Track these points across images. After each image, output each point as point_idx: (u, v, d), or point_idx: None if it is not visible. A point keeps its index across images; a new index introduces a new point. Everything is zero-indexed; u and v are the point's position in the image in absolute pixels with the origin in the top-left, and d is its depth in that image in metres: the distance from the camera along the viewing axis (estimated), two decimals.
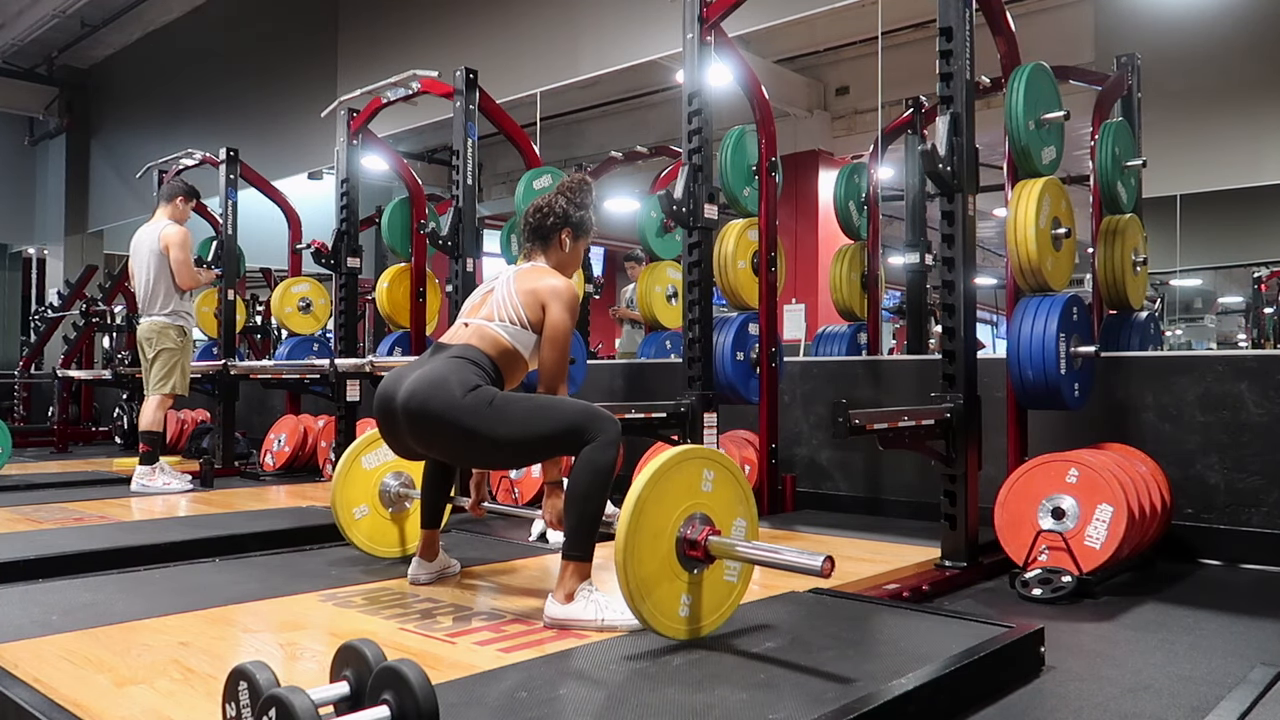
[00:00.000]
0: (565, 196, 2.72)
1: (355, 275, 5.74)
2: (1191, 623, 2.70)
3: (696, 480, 2.15)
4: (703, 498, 2.15)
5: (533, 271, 2.65)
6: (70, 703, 1.76)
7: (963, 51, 3.20)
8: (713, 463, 2.18)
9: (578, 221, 2.73)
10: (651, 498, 2.05)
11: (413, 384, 2.39)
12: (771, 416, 4.27)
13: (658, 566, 2.06)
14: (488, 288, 2.69)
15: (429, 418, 2.35)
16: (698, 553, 2.11)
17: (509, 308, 2.57)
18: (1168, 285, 8.26)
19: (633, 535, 2.01)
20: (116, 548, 3.29)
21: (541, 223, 2.71)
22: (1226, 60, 6.24)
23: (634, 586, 2.02)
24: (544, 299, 2.56)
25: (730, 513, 2.21)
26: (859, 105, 8.85)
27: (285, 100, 8.73)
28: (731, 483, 2.22)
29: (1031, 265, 3.34)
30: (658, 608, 2.06)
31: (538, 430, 2.32)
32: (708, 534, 2.11)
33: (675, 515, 2.09)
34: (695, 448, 2.18)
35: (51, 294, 11.02)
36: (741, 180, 4.31)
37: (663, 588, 2.07)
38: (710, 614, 2.17)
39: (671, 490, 2.09)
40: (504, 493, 4.78)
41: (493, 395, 2.36)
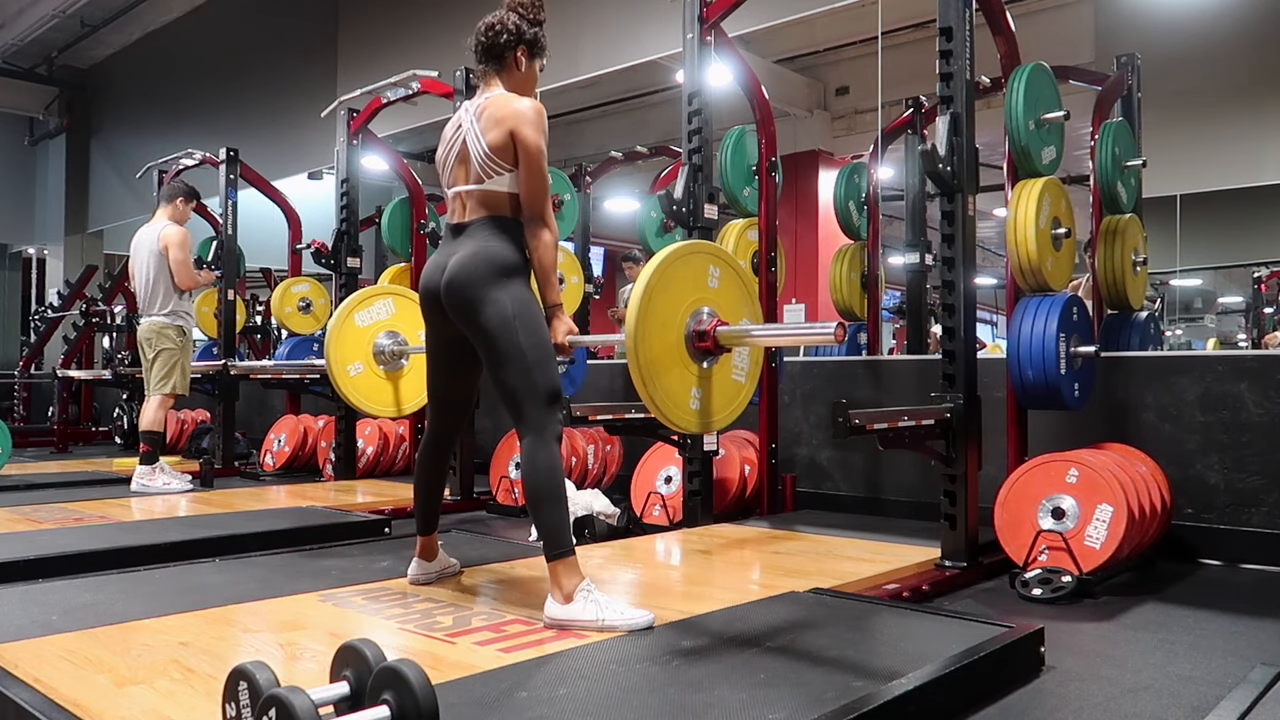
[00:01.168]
0: (517, 12, 2.58)
1: (355, 275, 5.74)
2: (1191, 623, 2.70)
3: (703, 275, 2.14)
4: (709, 293, 2.15)
5: (491, 103, 2.51)
6: (70, 703, 1.76)
7: (963, 51, 3.20)
8: (717, 259, 2.18)
9: (532, 38, 2.59)
10: (659, 286, 2.05)
11: (451, 271, 2.44)
12: (771, 416, 4.27)
13: (666, 352, 2.06)
14: (458, 143, 2.56)
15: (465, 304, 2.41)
16: (707, 343, 2.11)
17: (487, 160, 2.47)
18: (1168, 285, 8.26)
19: (642, 321, 2.01)
20: (116, 548, 3.29)
21: (494, 41, 2.55)
22: (1226, 60, 6.25)
23: (644, 368, 2.01)
24: (510, 125, 2.45)
25: (736, 310, 2.21)
26: (859, 105, 8.85)
27: (285, 100, 8.73)
28: (737, 282, 2.22)
29: (1031, 265, 3.34)
30: (669, 396, 2.06)
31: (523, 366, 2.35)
32: (716, 324, 2.12)
33: (683, 307, 2.10)
34: (700, 242, 2.18)
35: (51, 294, 11.02)
36: (741, 180, 4.31)
37: (673, 375, 2.07)
38: (721, 410, 2.18)
39: (678, 281, 2.08)
40: (504, 493, 4.78)
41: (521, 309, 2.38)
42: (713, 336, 2.11)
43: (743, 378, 2.23)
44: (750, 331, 2.13)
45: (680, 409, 2.09)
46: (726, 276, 2.18)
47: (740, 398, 2.24)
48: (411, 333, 3.06)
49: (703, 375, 2.13)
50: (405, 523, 3.87)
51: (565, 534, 2.33)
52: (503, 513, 4.72)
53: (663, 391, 2.05)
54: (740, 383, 2.23)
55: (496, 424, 5.50)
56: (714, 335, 2.10)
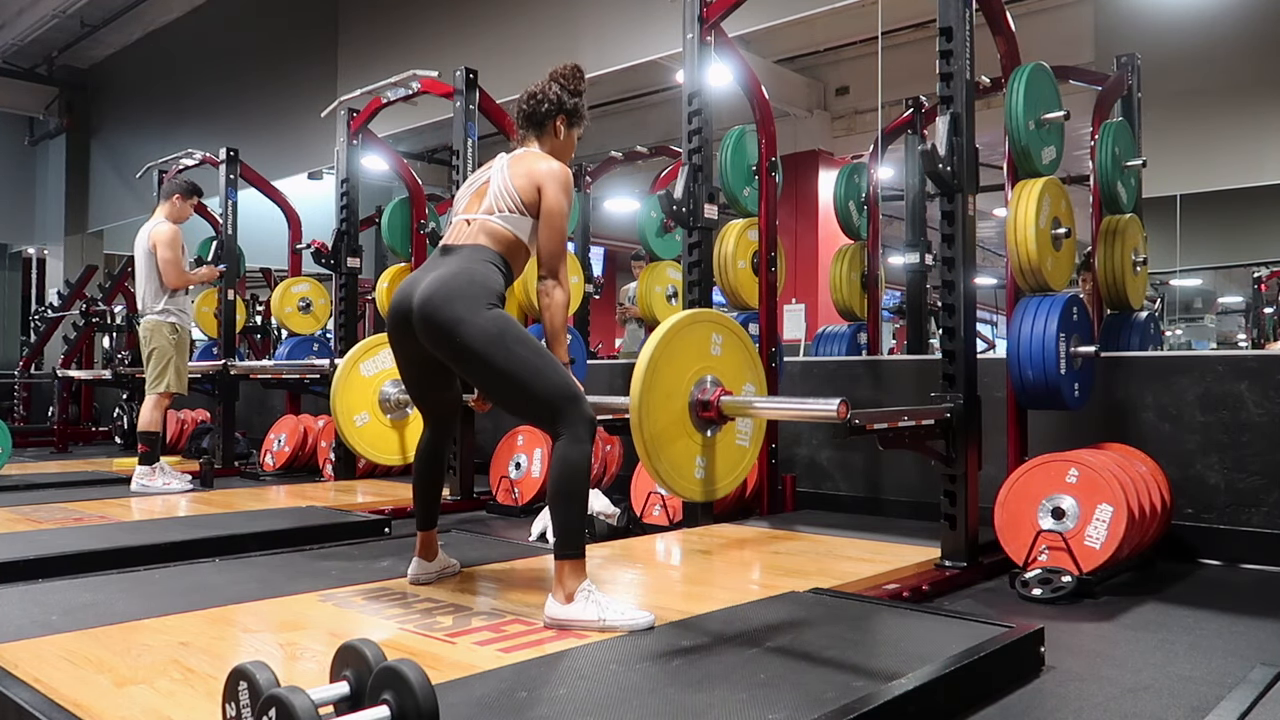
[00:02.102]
0: (559, 84, 2.68)
1: (355, 275, 5.75)
2: (1191, 623, 2.70)
3: (706, 343, 2.15)
4: (712, 361, 2.15)
5: (526, 156, 2.61)
6: (70, 703, 1.76)
7: (963, 51, 3.20)
8: (720, 326, 2.18)
9: (572, 109, 2.69)
10: (663, 358, 2.05)
11: (427, 289, 2.39)
12: None
13: (671, 423, 2.06)
14: (482, 178, 2.64)
15: (440, 325, 2.35)
16: (711, 413, 2.11)
17: (506, 197, 2.53)
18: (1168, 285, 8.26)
19: (647, 393, 2.01)
20: (116, 548, 3.29)
21: (535, 109, 2.67)
22: (1226, 60, 6.25)
23: (649, 442, 2.01)
24: (539, 181, 2.52)
25: (740, 377, 2.21)
26: (859, 105, 8.86)
27: (285, 100, 8.73)
28: (740, 347, 2.22)
29: (1031, 265, 3.34)
30: (673, 466, 2.06)
31: (527, 385, 2.32)
32: (720, 394, 2.11)
33: (687, 377, 2.10)
34: (702, 311, 2.19)
35: (51, 294, 11.03)
36: (741, 180, 4.31)
37: (677, 445, 2.07)
38: (724, 476, 2.18)
39: (682, 351, 2.09)
40: (504, 493, 4.78)
41: (507, 327, 2.35)
42: (717, 407, 2.10)
43: (746, 442, 2.24)
44: (753, 404, 2.13)
45: (685, 479, 2.09)
46: (729, 342, 2.19)
47: (745, 462, 2.24)
48: None
49: (707, 443, 2.14)
50: (405, 523, 3.87)
51: (580, 535, 2.31)
52: (503, 513, 4.72)
53: (667, 463, 2.06)
54: (744, 447, 2.24)
55: (496, 424, 5.50)
56: (718, 406, 2.10)
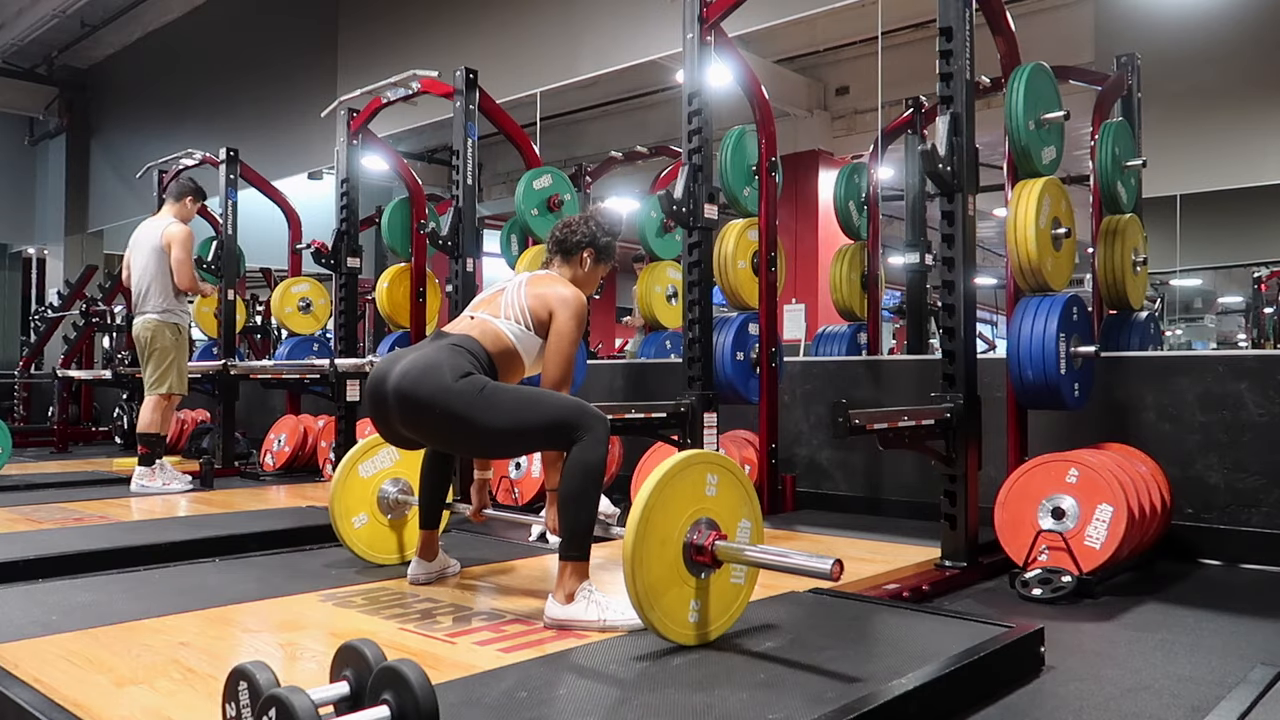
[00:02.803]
0: (596, 221, 2.77)
1: (355, 275, 5.74)
2: (1191, 623, 2.70)
3: (700, 485, 2.14)
4: (707, 502, 2.15)
5: (547, 278, 2.66)
6: (70, 703, 1.76)
7: (963, 51, 3.19)
8: (716, 467, 2.18)
9: (603, 246, 2.77)
10: (658, 505, 2.05)
11: (405, 367, 2.39)
12: (771, 416, 4.27)
13: (665, 572, 2.06)
14: (499, 287, 2.69)
15: (419, 401, 2.34)
16: (705, 558, 2.11)
17: (516, 308, 2.58)
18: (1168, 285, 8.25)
19: (640, 543, 2.01)
20: (116, 548, 3.29)
21: (568, 237, 2.75)
22: (1226, 60, 6.24)
23: (643, 593, 2.02)
24: (552, 305, 2.57)
25: (735, 515, 2.21)
26: (859, 105, 8.84)
27: (285, 100, 8.73)
28: (735, 485, 2.22)
29: (1031, 265, 3.34)
30: (667, 614, 2.06)
31: (526, 421, 2.33)
32: (714, 539, 2.11)
33: (681, 521, 2.09)
34: (698, 453, 2.18)
35: (51, 294, 11.02)
36: (741, 180, 4.31)
37: (671, 593, 2.07)
38: (718, 618, 2.17)
39: (676, 496, 2.09)
40: (504, 493, 4.78)
41: (484, 383, 2.36)
42: (711, 553, 2.10)
43: (741, 580, 2.23)
44: (745, 552, 2.13)
45: (679, 625, 2.09)
46: (724, 481, 2.18)
47: (739, 601, 2.23)
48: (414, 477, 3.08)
49: (700, 586, 2.13)
50: None
51: (586, 538, 2.31)
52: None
53: (661, 613, 2.05)
54: (740, 585, 2.23)
55: None
56: (712, 551, 2.10)
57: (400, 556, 3.12)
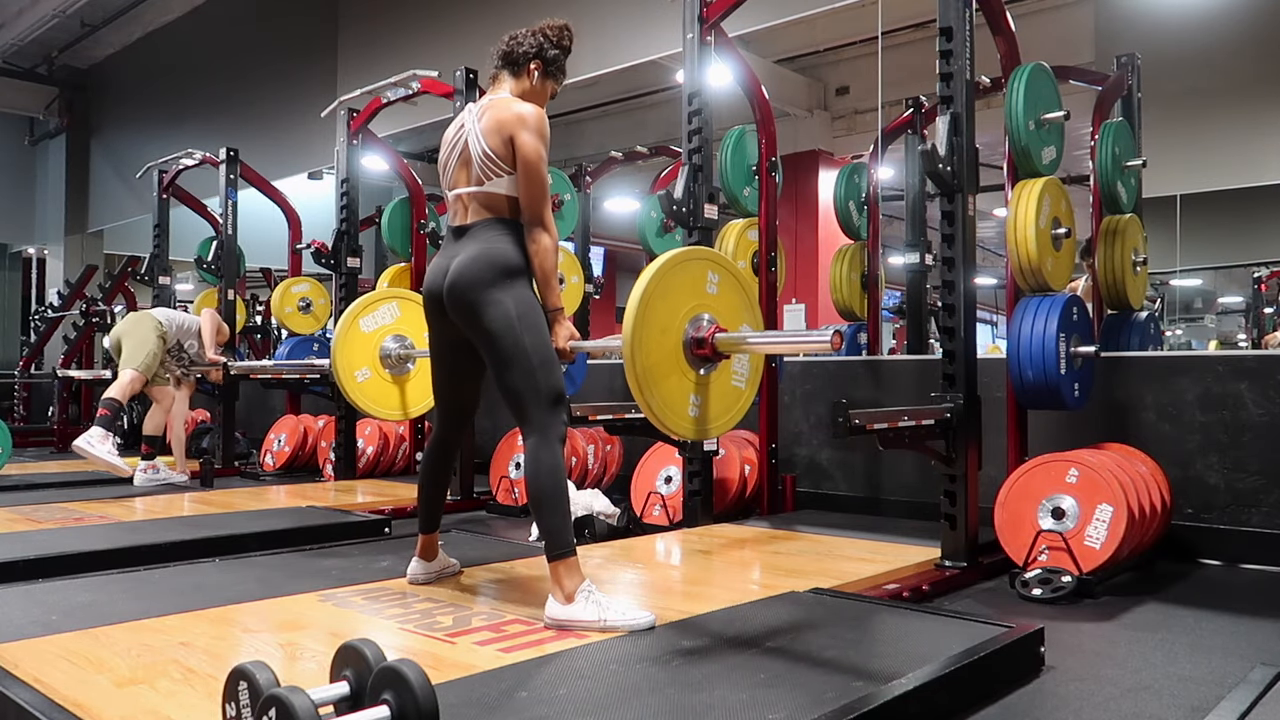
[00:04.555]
0: (544, 34, 2.68)
1: (355, 275, 5.74)
2: (1191, 623, 2.70)
3: (701, 281, 2.12)
4: (708, 299, 2.13)
5: (494, 105, 2.55)
6: (70, 703, 1.76)
7: (963, 51, 3.20)
8: (717, 265, 2.16)
9: (550, 58, 2.67)
10: (657, 292, 2.03)
11: (455, 272, 2.45)
12: (771, 416, 4.27)
13: (664, 358, 2.04)
14: (460, 144, 2.59)
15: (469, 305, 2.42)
16: (705, 350, 2.10)
17: (487, 162, 2.50)
18: (1168, 285, 8.26)
19: (639, 329, 1.99)
20: (116, 548, 3.29)
21: (514, 49, 2.65)
22: (1226, 60, 6.24)
23: (641, 376, 1.99)
24: (510, 130, 2.49)
25: (736, 317, 2.19)
26: (859, 105, 8.85)
27: (285, 100, 8.73)
28: (736, 288, 2.20)
29: (1031, 265, 3.34)
30: (666, 403, 2.04)
31: (522, 372, 2.36)
32: (714, 331, 2.10)
33: (682, 313, 2.08)
34: (699, 248, 2.17)
35: (51, 294, 11.02)
36: (741, 180, 4.31)
37: (670, 381, 2.05)
38: (719, 416, 2.15)
39: (677, 287, 2.07)
40: (504, 493, 4.78)
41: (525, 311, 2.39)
42: (711, 343, 2.09)
43: (742, 384, 2.22)
44: (747, 339, 2.12)
45: (678, 415, 2.08)
46: (726, 282, 2.17)
47: (740, 403, 2.22)
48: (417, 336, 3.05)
49: (700, 382, 2.12)
50: (405, 523, 3.87)
51: (566, 535, 2.33)
52: (503, 513, 4.72)
53: (660, 399, 2.04)
54: (740, 389, 2.22)
55: (496, 424, 5.50)
56: (712, 342, 2.09)
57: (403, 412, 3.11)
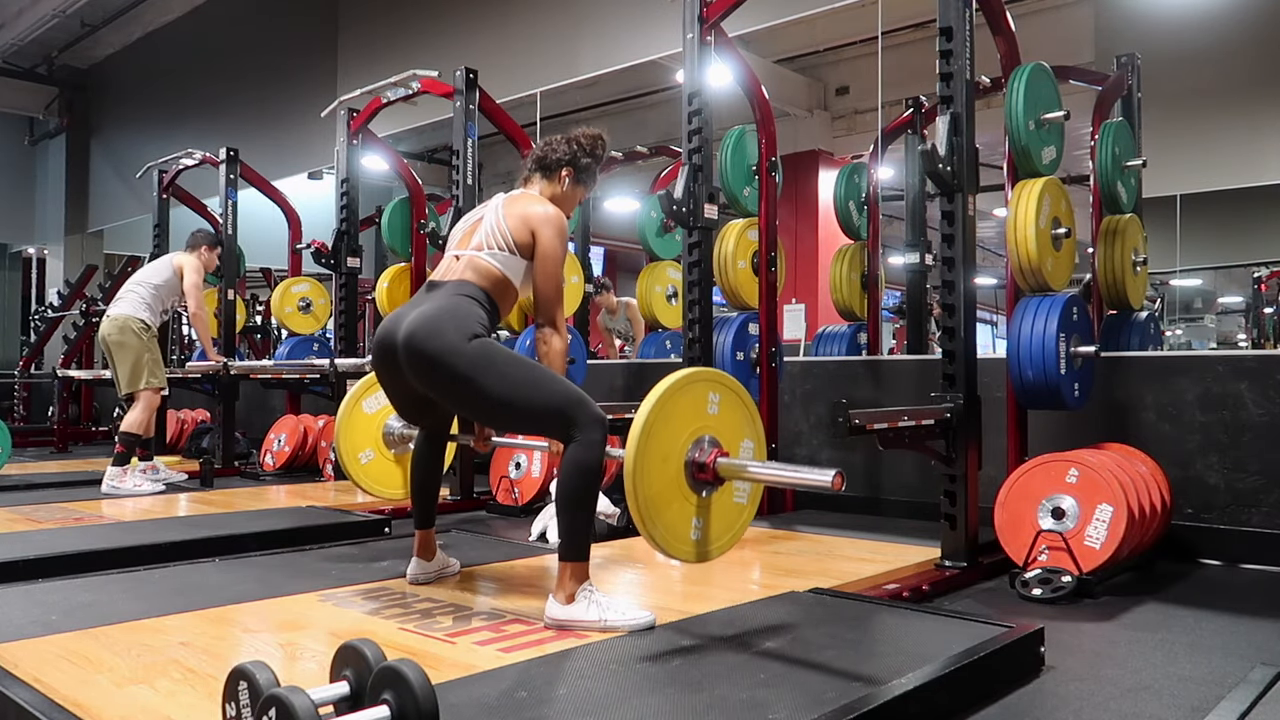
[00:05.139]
0: (578, 142, 2.73)
1: (355, 275, 5.75)
2: (1191, 623, 2.70)
3: (703, 403, 2.12)
4: (710, 420, 2.12)
5: (523, 197, 2.62)
6: (70, 703, 1.76)
7: (963, 51, 3.19)
8: (718, 385, 2.16)
9: (583, 166, 2.73)
10: (659, 420, 2.02)
11: (412, 324, 2.38)
12: (771, 416, 4.27)
13: (666, 487, 2.03)
14: (476, 216, 2.65)
15: (427, 358, 2.34)
16: (707, 475, 2.09)
17: (498, 235, 2.54)
18: (1168, 285, 8.26)
19: (641, 458, 1.99)
20: (116, 548, 3.29)
21: (548, 154, 2.72)
22: (1226, 60, 6.24)
23: (643, 506, 1.99)
24: (534, 225, 2.53)
25: (737, 434, 2.19)
26: (859, 105, 8.84)
27: (285, 100, 8.73)
28: (738, 405, 2.20)
29: (1031, 265, 3.34)
30: (669, 530, 2.04)
31: (528, 399, 2.31)
32: (716, 456, 2.09)
33: (683, 438, 2.07)
34: (700, 370, 2.17)
35: (51, 294, 11.03)
36: (741, 180, 4.31)
37: (673, 509, 2.04)
38: (720, 536, 2.15)
39: (678, 413, 2.06)
40: (504, 493, 4.78)
41: (495, 351, 2.35)
42: (713, 469, 2.09)
43: (744, 500, 2.21)
44: (749, 467, 2.11)
45: (681, 542, 2.07)
46: (727, 400, 2.16)
47: (742, 520, 2.21)
48: None
49: (702, 504, 2.11)
50: (405, 523, 3.87)
51: (585, 539, 2.30)
52: (503, 513, 4.72)
53: (663, 528, 2.02)
54: (742, 505, 2.21)
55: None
56: (714, 468, 2.09)
57: (405, 491, 3.12)
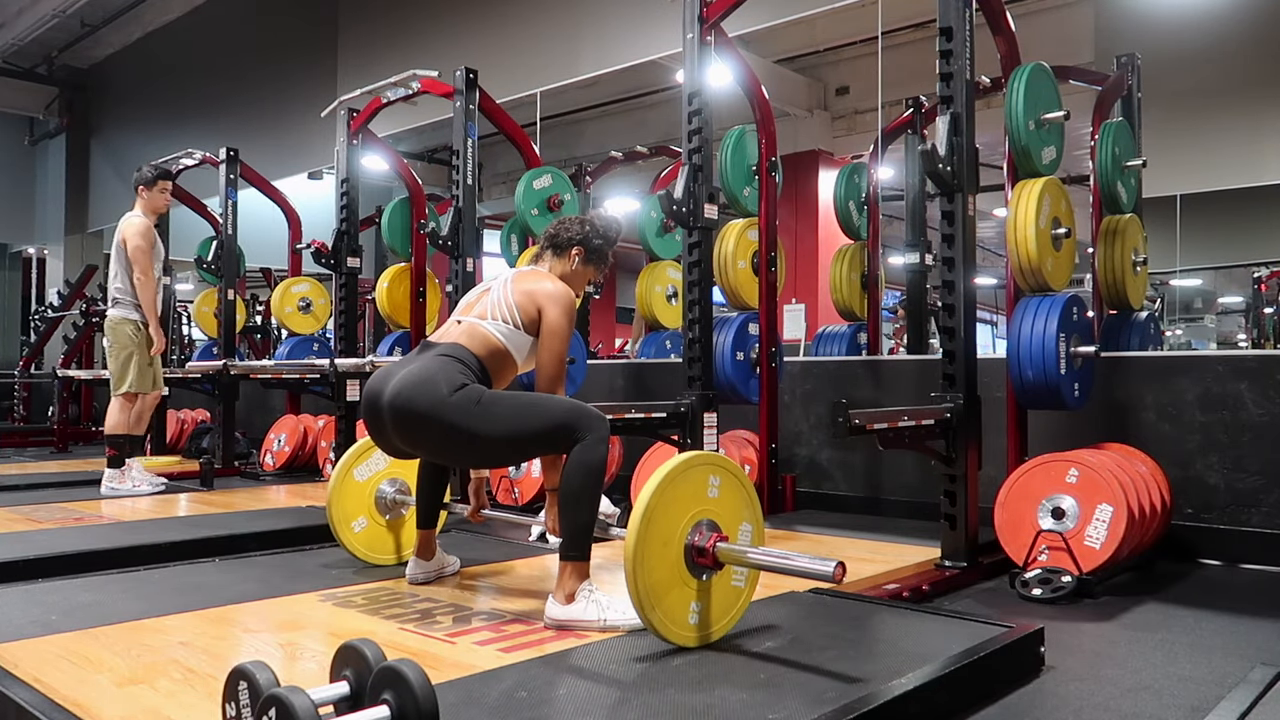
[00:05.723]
0: (592, 224, 2.78)
1: (355, 275, 5.74)
2: (1191, 623, 2.70)
3: (702, 487, 2.14)
4: (709, 504, 2.14)
5: (533, 274, 2.66)
6: (70, 703, 1.76)
7: (963, 51, 3.19)
8: (717, 468, 2.18)
9: (594, 248, 2.77)
10: (659, 506, 2.04)
11: (399, 383, 2.38)
12: (771, 416, 4.27)
13: (667, 574, 2.06)
14: (485, 287, 2.69)
15: (415, 416, 2.34)
16: (706, 560, 2.10)
17: (503, 307, 2.57)
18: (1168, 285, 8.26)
19: (642, 544, 2.01)
20: (116, 548, 3.28)
21: (560, 233, 2.77)
22: (1226, 60, 6.24)
23: (644, 594, 2.01)
24: (540, 302, 2.56)
25: (736, 517, 2.21)
26: (859, 105, 8.84)
27: (285, 100, 8.73)
28: (736, 487, 2.22)
29: (1031, 265, 3.34)
30: (668, 615, 2.06)
31: (526, 427, 2.32)
32: (715, 541, 2.11)
33: (683, 523, 2.09)
34: (700, 454, 2.18)
35: (51, 294, 11.03)
36: (741, 180, 4.30)
37: (672, 595, 2.07)
38: (719, 619, 2.17)
39: (678, 498, 2.09)
40: (504, 493, 4.78)
41: (480, 394, 2.36)
42: (713, 554, 2.10)
43: (742, 583, 2.23)
44: (749, 554, 2.13)
45: (680, 627, 2.09)
46: (726, 484, 2.18)
47: (740, 603, 2.23)
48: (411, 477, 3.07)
49: (702, 588, 2.13)
50: None
51: (586, 539, 2.31)
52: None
53: (662, 614, 2.05)
54: (740, 587, 2.23)
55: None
56: (714, 553, 2.10)
57: (398, 557, 3.12)
